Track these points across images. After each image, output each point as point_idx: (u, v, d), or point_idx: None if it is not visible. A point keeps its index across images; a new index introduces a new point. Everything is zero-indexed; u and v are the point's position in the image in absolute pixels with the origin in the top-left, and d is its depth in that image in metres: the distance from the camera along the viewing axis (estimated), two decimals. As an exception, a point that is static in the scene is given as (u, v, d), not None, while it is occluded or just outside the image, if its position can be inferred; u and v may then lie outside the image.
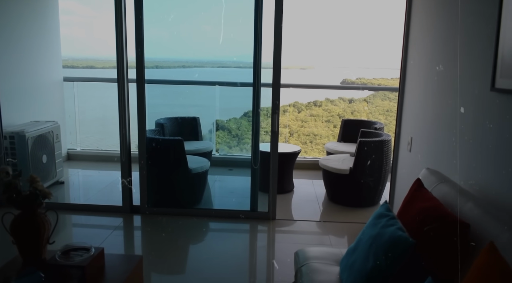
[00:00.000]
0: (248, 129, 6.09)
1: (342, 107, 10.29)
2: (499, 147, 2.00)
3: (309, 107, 10.21)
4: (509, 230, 1.51)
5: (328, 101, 10.62)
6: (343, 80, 12.13)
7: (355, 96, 10.50)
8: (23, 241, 2.08)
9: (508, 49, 1.94)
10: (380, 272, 1.79)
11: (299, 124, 9.80)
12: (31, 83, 4.83)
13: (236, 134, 6.13)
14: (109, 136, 6.96)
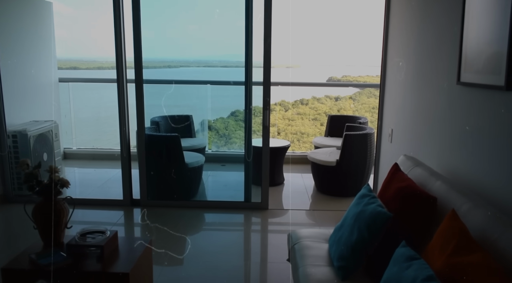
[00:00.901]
0: (236, 129, 6.34)
1: (328, 105, 10.46)
2: (465, 134, 2.29)
3: (296, 106, 10.36)
4: (468, 202, 1.80)
5: (315, 99, 10.77)
6: (329, 78, 12.35)
7: (341, 93, 10.70)
8: (44, 226, 2.29)
9: (470, 48, 2.23)
10: (363, 243, 2.06)
11: (286, 122, 9.92)
12: (28, 84, 4.99)
13: (223, 134, 6.36)
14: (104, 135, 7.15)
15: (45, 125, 4.72)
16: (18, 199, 4.25)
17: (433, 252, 1.60)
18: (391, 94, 3.72)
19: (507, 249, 1.45)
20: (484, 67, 2.08)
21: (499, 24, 1.93)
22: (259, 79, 3.89)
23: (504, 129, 1.91)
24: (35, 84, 5.18)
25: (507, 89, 1.88)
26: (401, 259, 1.60)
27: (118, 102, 4.00)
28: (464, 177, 2.26)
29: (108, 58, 8.92)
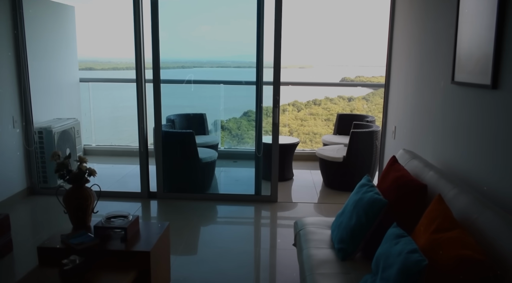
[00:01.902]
0: (248, 129, 6.55)
1: (341, 106, 10.40)
2: (458, 130, 2.47)
3: (308, 106, 10.37)
4: (455, 188, 1.99)
5: (328, 99, 10.77)
6: (342, 78, 12.38)
7: (354, 94, 10.73)
8: (73, 210, 2.55)
9: (462, 50, 2.42)
10: (361, 227, 2.27)
11: (298, 123, 9.92)
12: (52, 84, 5.29)
13: (236, 134, 6.57)
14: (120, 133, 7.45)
15: (68, 122, 5.01)
16: (43, 191, 4.54)
17: (419, 231, 1.80)
18: (394, 93, 3.90)
19: (484, 226, 1.65)
20: (475, 68, 2.27)
21: (487, 29, 2.12)
22: (270, 79, 4.12)
23: (491, 124, 2.09)
24: (58, 83, 5.48)
25: (493, 88, 2.07)
26: (391, 237, 1.81)
27: (137, 101, 4.26)
28: (456, 167, 2.45)
29: (123, 59, 9.21)
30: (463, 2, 2.42)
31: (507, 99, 1.94)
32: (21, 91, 4.34)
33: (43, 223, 3.93)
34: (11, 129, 4.23)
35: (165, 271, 2.69)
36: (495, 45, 2.03)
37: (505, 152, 1.94)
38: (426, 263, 1.50)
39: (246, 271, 3.03)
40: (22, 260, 3.14)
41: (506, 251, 1.46)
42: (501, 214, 1.65)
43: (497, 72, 2.03)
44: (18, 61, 4.28)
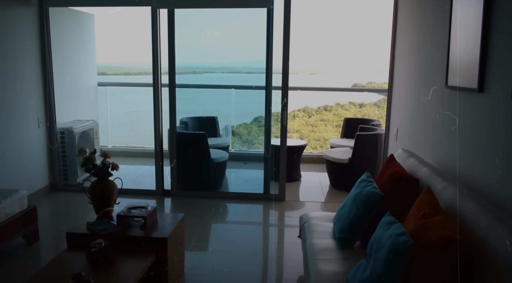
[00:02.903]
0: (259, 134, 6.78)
1: (352, 112, 10.33)
2: (451, 130, 2.68)
3: (319, 112, 10.34)
4: (444, 182, 2.20)
5: (339, 105, 10.76)
6: (354, 84, 12.41)
7: (365, 100, 10.77)
8: (97, 201, 2.81)
9: (454, 57, 2.63)
10: (359, 218, 2.48)
11: (309, 129, 9.91)
12: (72, 87, 5.59)
13: (246, 139, 6.80)
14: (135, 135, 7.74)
15: (87, 123, 5.30)
16: (64, 188, 4.82)
17: (409, 218, 2.02)
18: (396, 98, 4.11)
19: (466, 213, 1.86)
20: (464, 73, 2.48)
21: (474, 38, 2.34)
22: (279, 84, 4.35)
23: (478, 124, 2.30)
24: (78, 87, 5.78)
25: (479, 91, 2.28)
26: (384, 224, 2.02)
27: (154, 104, 4.53)
28: (449, 164, 2.65)
29: (134, 65, 9.49)
30: (454, 15, 2.64)
31: (492, 101, 2.15)
32: (45, 93, 4.64)
33: (64, 216, 4.20)
34: (36, 129, 4.53)
35: (180, 259, 2.93)
36: (481, 52, 2.24)
37: (492, 150, 2.15)
38: (411, 243, 1.71)
39: (254, 261, 3.26)
40: (48, 248, 3.41)
41: (482, 232, 1.67)
42: (481, 203, 1.85)
43: (483, 77, 2.24)
44: (44, 66, 4.59)
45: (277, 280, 2.96)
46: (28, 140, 4.39)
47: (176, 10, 4.36)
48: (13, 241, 3.22)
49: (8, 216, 3.13)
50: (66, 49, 5.23)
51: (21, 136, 4.28)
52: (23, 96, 4.30)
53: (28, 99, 4.38)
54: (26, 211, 3.32)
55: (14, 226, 3.17)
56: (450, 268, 1.64)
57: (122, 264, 2.36)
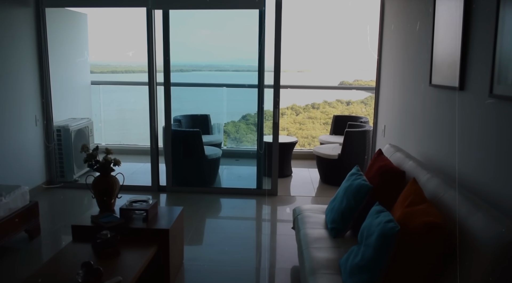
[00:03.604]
0: (247, 132, 6.91)
1: (340, 109, 10.45)
2: (435, 126, 2.86)
3: (307, 110, 10.45)
4: (428, 174, 2.37)
5: (326, 103, 10.86)
6: (341, 82, 12.57)
7: (352, 98, 10.91)
8: (100, 195, 2.92)
9: (437, 57, 2.81)
10: (350, 209, 2.65)
11: (297, 126, 10.03)
12: (66, 86, 5.65)
13: (234, 137, 6.92)
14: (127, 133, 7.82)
15: (82, 122, 5.38)
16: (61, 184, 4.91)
17: (396, 207, 2.18)
18: (384, 95, 4.29)
19: (448, 201, 2.03)
20: (447, 72, 2.66)
21: (455, 40, 2.51)
22: (270, 82, 4.50)
23: (459, 120, 2.48)
24: (72, 86, 5.85)
25: (460, 89, 2.46)
26: (373, 213, 2.18)
27: (149, 102, 4.65)
28: (434, 158, 2.83)
29: (122, 63, 9.50)
30: (437, 17, 2.82)
31: (471, 99, 2.33)
32: (43, 92, 4.72)
33: (62, 212, 4.30)
34: (34, 127, 4.61)
35: (179, 250, 3.07)
36: (461, 53, 2.42)
37: (471, 144, 2.33)
38: (399, 229, 1.88)
39: (249, 252, 3.41)
40: (49, 242, 3.52)
41: (461, 217, 1.84)
42: (462, 192, 2.03)
43: (463, 76, 2.42)
44: (40, 65, 4.66)
45: (271, 270, 3.12)
46: (25, 138, 4.47)
47: (171, 11, 4.47)
48: (16, 235, 3.32)
49: (12, 211, 3.23)
50: (61, 48, 5.30)
51: (19, 134, 4.36)
52: (21, 95, 4.38)
53: (25, 98, 4.46)
54: (28, 206, 3.42)
55: (18, 220, 3.27)
56: (434, 250, 1.81)
57: (127, 254, 2.49)
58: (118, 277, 2.15)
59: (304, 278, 2.31)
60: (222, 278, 2.96)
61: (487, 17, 2.16)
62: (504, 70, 1.99)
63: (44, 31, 4.63)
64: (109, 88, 7.80)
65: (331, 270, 2.25)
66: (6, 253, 3.27)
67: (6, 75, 4.13)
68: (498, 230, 1.61)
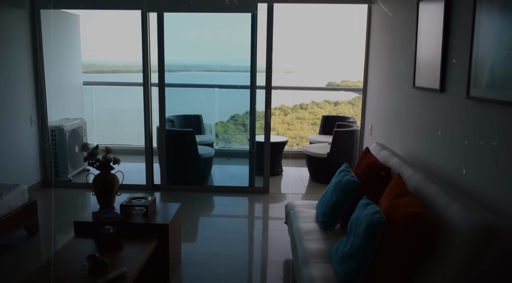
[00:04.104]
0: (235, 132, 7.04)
1: (327, 110, 10.56)
2: (418, 125, 3.05)
3: (295, 110, 10.54)
4: (411, 170, 2.55)
5: (314, 104, 10.96)
6: (328, 83, 12.73)
7: (340, 98, 11.06)
8: (100, 193, 3.04)
9: (420, 61, 3.00)
10: (340, 203, 2.81)
11: (285, 127, 10.11)
12: (59, 86, 5.72)
13: (223, 138, 7.04)
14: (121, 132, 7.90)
15: (76, 122, 5.47)
16: (55, 184, 5.00)
17: (382, 200, 2.35)
18: (371, 96, 4.48)
19: (429, 194, 2.20)
20: (428, 75, 2.84)
21: (436, 45, 2.70)
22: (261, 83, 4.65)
23: (441, 120, 2.67)
24: (65, 86, 5.91)
25: (440, 91, 2.64)
26: (361, 206, 2.35)
27: (144, 103, 4.77)
28: (417, 155, 3.02)
29: (109, 62, 9.52)
30: (420, 23, 3.00)
31: (451, 100, 2.51)
32: (37, 92, 4.80)
33: (58, 211, 4.39)
34: (29, 127, 4.69)
35: (177, 244, 3.20)
36: (442, 58, 2.61)
37: (452, 142, 2.51)
38: (384, 219, 2.05)
39: (242, 246, 3.56)
40: (48, 239, 3.61)
41: (440, 208, 2.02)
42: (441, 185, 2.21)
43: (443, 79, 2.61)
44: (35, 66, 4.75)
45: (263, 262, 3.28)
46: (21, 138, 4.55)
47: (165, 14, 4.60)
48: (16, 233, 3.41)
49: (12, 209, 3.32)
50: (53, 49, 5.37)
51: (14, 134, 4.44)
52: (16, 95, 4.46)
53: (21, 98, 4.54)
54: (27, 204, 3.52)
55: (17, 218, 3.37)
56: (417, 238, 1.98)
57: (129, 247, 2.62)
58: (123, 268, 2.28)
59: (298, 267, 2.47)
60: (218, 270, 3.11)
61: (464, 26, 2.34)
62: (479, 74, 2.17)
63: (39, 32, 4.71)
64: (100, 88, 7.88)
65: (322, 259, 2.41)
66: (7, 250, 3.36)
67: (1, 76, 4.21)
68: (472, 219, 1.78)
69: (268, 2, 4.48)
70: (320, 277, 2.23)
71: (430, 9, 2.86)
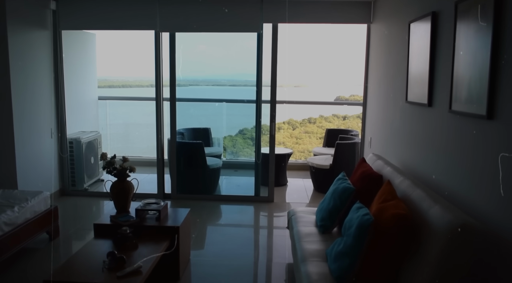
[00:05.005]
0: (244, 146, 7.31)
1: (336, 124, 10.63)
2: (410, 137, 3.29)
3: (303, 124, 10.67)
4: (401, 177, 2.79)
5: (322, 118, 10.88)
6: (337, 97, 12.85)
7: (349, 113, 11.17)
8: (117, 198, 3.32)
9: (411, 77, 3.26)
10: (336, 208, 3.05)
11: (293, 141, 10.23)
12: (77, 101, 6.07)
13: (231, 151, 7.30)
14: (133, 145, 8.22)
15: (92, 134, 5.79)
16: (72, 193, 5.30)
17: (373, 204, 2.60)
18: (370, 111, 4.74)
19: (415, 198, 2.44)
20: (418, 91, 3.10)
21: (424, 63, 2.96)
22: (267, 97, 4.95)
23: (429, 132, 2.91)
24: (82, 101, 6.26)
25: (429, 106, 2.90)
26: (354, 209, 2.59)
27: (156, 116, 5.08)
28: (409, 163, 3.26)
29: (119, 77, 9.88)
30: (411, 44, 3.28)
31: (438, 114, 2.76)
32: (58, 107, 5.14)
33: (76, 217, 4.68)
34: (49, 139, 5.01)
35: (187, 246, 3.45)
36: (429, 76, 2.87)
37: (441, 153, 2.76)
38: (373, 220, 2.29)
39: (248, 249, 3.81)
40: (68, 243, 3.89)
41: (423, 210, 2.26)
42: (426, 190, 2.44)
43: (431, 94, 2.86)
44: (56, 82, 5.09)
45: (268, 264, 3.51)
46: (42, 149, 4.87)
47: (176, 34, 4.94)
48: (40, 235, 3.69)
49: (36, 213, 3.61)
50: (72, 66, 5.73)
51: (36, 145, 4.76)
52: (39, 109, 4.80)
53: (43, 112, 4.87)
54: (50, 210, 3.80)
55: (41, 222, 3.65)
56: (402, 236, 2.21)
57: (144, 247, 2.88)
58: (139, 264, 2.54)
59: (297, 265, 2.71)
60: (224, 270, 3.35)
61: (447, 46, 2.61)
62: (459, 91, 2.43)
63: (60, 51, 5.07)
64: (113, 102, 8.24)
65: (319, 258, 2.65)
66: (30, 252, 3.64)
67: (26, 91, 4.55)
68: (449, 218, 2.02)
69: (273, 22, 4.80)
70: (316, 273, 2.46)
71: (420, 30, 3.13)
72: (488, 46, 2.07)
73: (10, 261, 3.40)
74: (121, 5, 4.91)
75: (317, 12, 4.78)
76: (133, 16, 4.94)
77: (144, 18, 4.91)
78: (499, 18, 2.01)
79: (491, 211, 2.07)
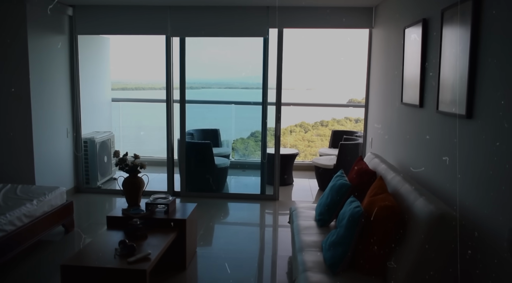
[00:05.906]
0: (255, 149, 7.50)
1: (348, 127, 10.56)
2: (405, 137, 3.46)
3: (315, 127, 10.63)
4: (393, 173, 2.97)
5: (335, 121, 10.83)
6: (349, 100, 12.86)
7: (361, 115, 11.21)
8: (129, 193, 3.55)
9: (406, 80, 3.43)
10: (333, 203, 3.24)
11: (305, 144, 10.19)
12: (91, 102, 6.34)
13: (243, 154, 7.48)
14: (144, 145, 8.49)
15: (105, 135, 6.05)
16: (86, 190, 5.56)
17: (366, 197, 2.78)
18: (371, 112, 4.91)
19: (403, 192, 2.62)
20: (412, 93, 3.28)
21: (416, 67, 3.14)
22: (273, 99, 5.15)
23: (421, 132, 3.09)
24: (96, 102, 6.54)
25: (420, 107, 3.07)
26: (348, 203, 2.78)
27: (166, 117, 5.32)
28: (403, 161, 3.43)
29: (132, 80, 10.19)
30: (406, 47, 3.45)
31: (428, 114, 2.94)
32: (73, 108, 5.41)
33: (90, 212, 4.93)
34: (65, 138, 5.28)
35: (194, 239, 3.66)
36: (420, 79, 3.05)
37: (430, 150, 2.93)
38: (362, 211, 2.47)
39: (253, 243, 4.00)
40: (83, 235, 4.13)
41: (410, 202, 2.43)
42: (413, 184, 2.62)
43: (422, 96, 3.04)
44: (72, 84, 5.37)
45: (273, 257, 3.71)
46: (58, 148, 5.14)
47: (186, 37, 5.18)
48: (56, 228, 3.94)
49: (53, 207, 3.86)
50: (87, 69, 6.01)
51: (53, 144, 5.03)
52: (56, 109, 5.07)
53: (60, 112, 5.15)
54: (66, 204, 4.05)
55: (57, 215, 3.90)
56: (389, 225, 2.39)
57: (153, 237, 3.10)
58: (148, 251, 2.76)
59: (294, 255, 2.90)
60: (230, 262, 3.55)
61: (435, 51, 2.78)
62: (445, 93, 2.60)
63: (76, 55, 5.35)
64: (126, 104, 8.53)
65: (315, 248, 2.83)
66: (46, 244, 3.89)
67: (43, 94, 4.82)
68: (430, 208, 2.20)
69: (279, 28, 5.01)
70: (311, 261, 2.65)
71: (413, 35, 3.30)
72: (467, 51, 2.25)
73: (28, 251, 3.65)
74: (134, 11, 5.17)
75: (321, 18, 4.97)
76: (145, 21, 5.20)
77: (155, 24, 5.16)
78: (477, 24, 2.18)
79: (469, 201, 2.24)
